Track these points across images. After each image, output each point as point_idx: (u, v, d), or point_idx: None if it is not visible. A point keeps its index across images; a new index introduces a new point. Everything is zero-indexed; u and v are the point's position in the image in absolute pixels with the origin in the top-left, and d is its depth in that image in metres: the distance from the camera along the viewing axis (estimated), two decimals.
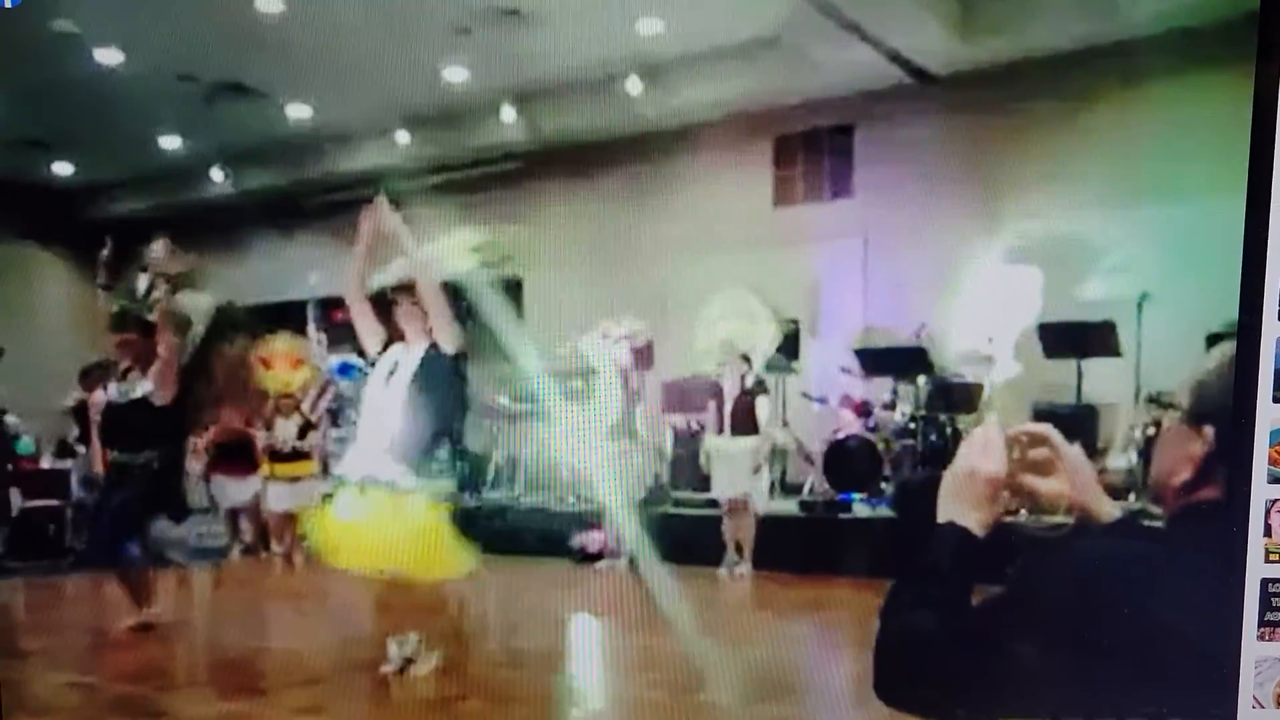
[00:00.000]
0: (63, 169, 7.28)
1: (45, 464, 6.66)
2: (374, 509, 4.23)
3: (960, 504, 1.69)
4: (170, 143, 7.14)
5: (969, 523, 1.68)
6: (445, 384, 4.38)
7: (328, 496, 6.66)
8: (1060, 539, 1.71)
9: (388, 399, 4.28)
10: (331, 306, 7.36)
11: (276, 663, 4.83)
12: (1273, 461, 1.63)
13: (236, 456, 6.42)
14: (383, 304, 4.44)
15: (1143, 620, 1.54)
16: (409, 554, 4.21)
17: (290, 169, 7.26)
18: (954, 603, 1.65)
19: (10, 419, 6.58)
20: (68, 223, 6.95)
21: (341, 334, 7.50)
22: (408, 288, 4.35)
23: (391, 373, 4.29)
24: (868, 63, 6.97)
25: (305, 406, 6.48)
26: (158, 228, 6.66)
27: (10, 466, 6.56)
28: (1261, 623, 1.62)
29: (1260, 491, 1.60)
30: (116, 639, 4.94)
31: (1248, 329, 1.53)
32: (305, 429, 6.47)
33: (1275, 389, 1.60)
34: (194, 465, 6.13)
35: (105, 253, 5.26)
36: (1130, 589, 1.57)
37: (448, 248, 4.52)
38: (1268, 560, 1.64)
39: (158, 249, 5.16)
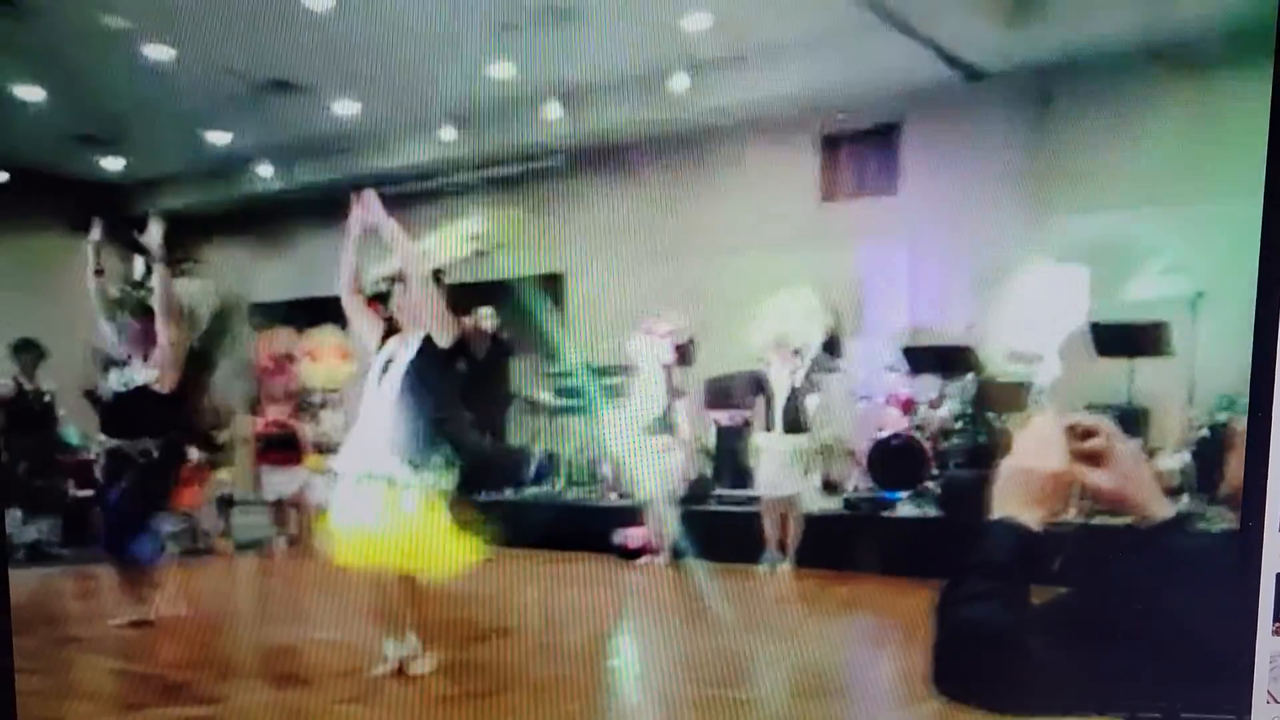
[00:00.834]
0: (113, 164, 7.37)
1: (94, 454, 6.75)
2: (372, 505, 4.21)
3: (1017, 499, 1.68)
4: (217, 138, 7.20)
5: (1026, 518, 1.66)
6: (438, 378, 4.34)
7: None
8: (1120, 535, 1.68)
9: (383, 393, 4.26)
10: (374, 301, 7.43)
11: (320, 653, 4.84)
12: None
13: (282, 448, 6.47)
14: (383, 300, 4.42)
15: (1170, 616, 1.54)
16: (408, 549, 4.19)
17: (337, 164, 7.29)
18: (1014, 597, 1.64)
19: (61, 411, 6.66)
20: (118, 217, 7.04)
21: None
22: (400, 279, 4.32)
23: (386, 367, 4.21)
24: (916, 58, 6.90)
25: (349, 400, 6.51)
26: (204, 223, 6.75)
27: (62, 457, 6.64)
28: (1277, 617, 1.61)
29: (1277, 488, 1.58)
30: (131, 630, 4.93)
31: (1265, 325, 1.50)
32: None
33: None
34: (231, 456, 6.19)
35: (95, 236, 5.20)
36: (1179, 588, 1.55)
37: (445, 237, 4.48)
38: None
39: (153, 232, 5.10)
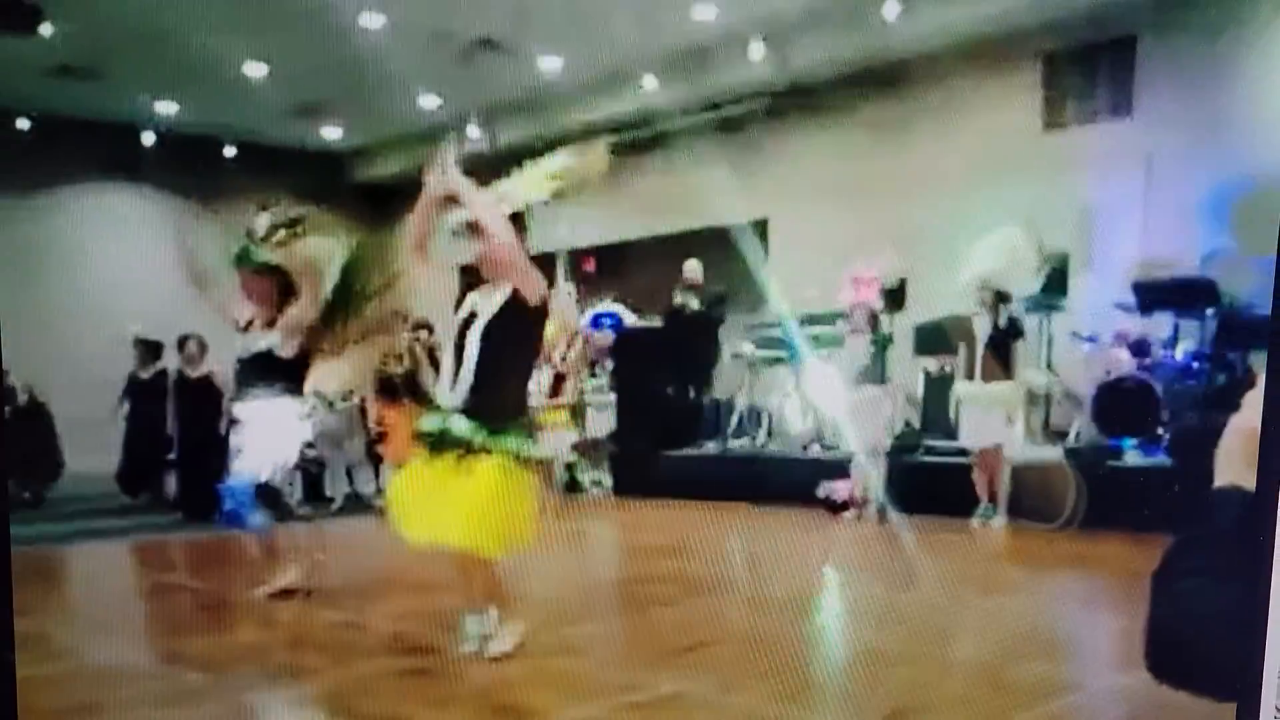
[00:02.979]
0: (331, 133, 7.75)
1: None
2: (447, 472, 3.90)
3: (1245, 464, 1.47)
4: (428, 102, 7.43)
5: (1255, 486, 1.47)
6: (521, 336, 3.99)
7: (575, 448, 6.94)
8: None
9: (466, 348, 3.95)
10: (581, 257, 7.56)
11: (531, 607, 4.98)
12: None
13: None
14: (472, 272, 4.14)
15: None
16: (476, 519, 3.88)
17: (542, 120, 7.40)
18: (1238, 572, 1.44)
19: None
20: (340, 185, 7.44)
21: (593, 285, 7.69)
22: (475, 229, 3.96)
23: (469, 320, 3.84)
24: None
25: (555, 357, 6.64)
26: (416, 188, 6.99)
27: None
28: None
29: None
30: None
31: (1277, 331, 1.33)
32: (559, 380, 6.64)
33: None
34: None
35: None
36: None
37: (521, 180, 4.15)
38: None
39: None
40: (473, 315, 3.81)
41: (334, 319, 4.81)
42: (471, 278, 3.90)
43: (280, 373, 4.66)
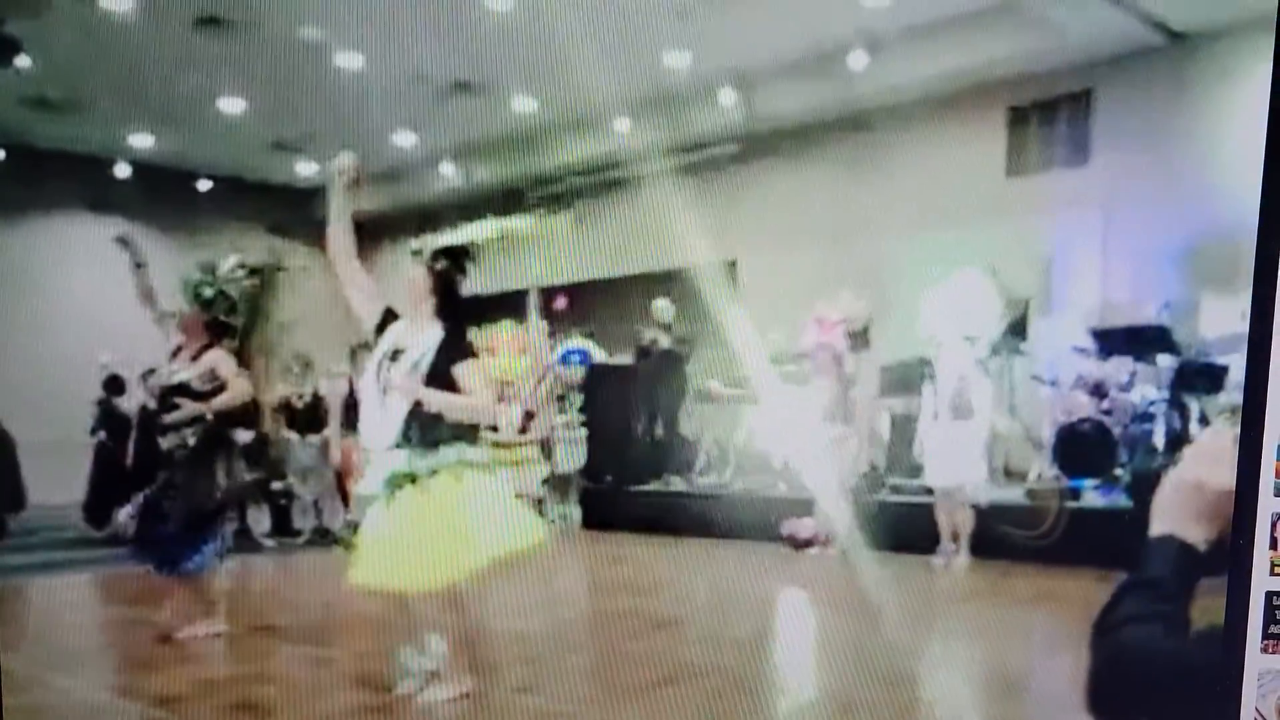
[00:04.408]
0: (306, 169, 7.81)
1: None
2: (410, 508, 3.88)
3: (1182, 516, 1.57)
4: (404, 140, 7.51)
5: (1191, 537, 1.56)
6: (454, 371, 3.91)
7: (545, 482, 6.98)
8: None
9: (394, 386, 3.79)
10: (552, 294, 7.62)
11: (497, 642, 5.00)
12: (1279, 475, 1.55)
13: None
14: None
15: None
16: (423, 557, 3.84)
17: (516, 161, 7.50)
18: (1172, 620, 1.56)
19: None
20: (309, 220, 7.47)
21: (563, 322, 7.76)
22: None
23: (394, 357, 3.81)
24: (1109, 22, 6.58)
25: (525, 393, 6.70)
26: (389, 224, 7.05)
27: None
28: (1265, 635, 1.58)
29: (1267, 505, 1.52)
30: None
31: (1257, 341, 1.43)
32: (528, 416, 6.69)
33: None
34: None
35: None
36: None
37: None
38: (1272, 573, 1.59)
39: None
40: (396, 351, 3.83)
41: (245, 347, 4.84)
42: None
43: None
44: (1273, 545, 1.57)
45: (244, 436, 5.00)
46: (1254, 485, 1.49)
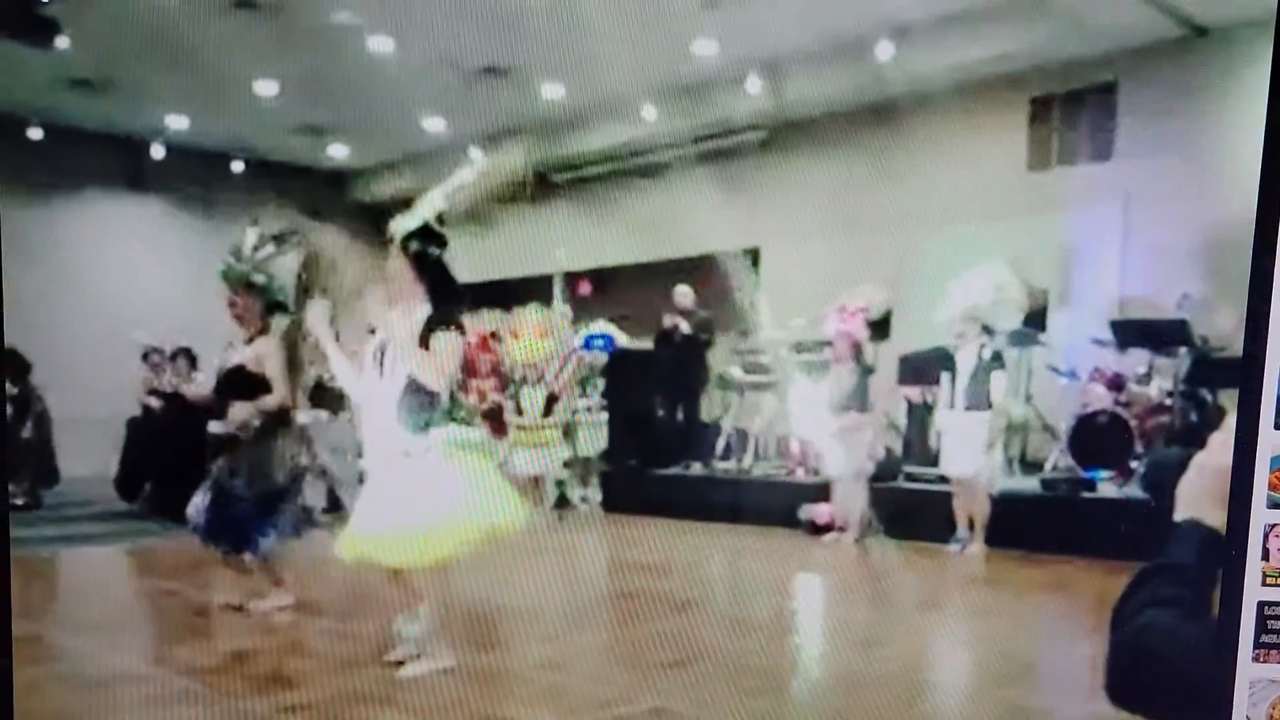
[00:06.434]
0: (338, 151, 7.90)
1: None
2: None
3: (1207, 501, 1.58)
4: (433, 125, 7.58)
5: (1215, 522, 1.57)
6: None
7: (566, 465, 7.08)
8: None
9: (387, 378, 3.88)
10: (576, 279, 7.69)
11: (518, 619, 5.05)
12: (1272, 487, 1.59)
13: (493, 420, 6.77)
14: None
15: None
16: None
17: (542, 146, 7.55)
18: (1195, 604, 1.56)
19: None
20: (343, 202, 7.57)
21: (587, 306, 7.83)
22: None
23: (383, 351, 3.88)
24: (1133, 15, 6.59)
25: (549, 377, 6.78)
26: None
27: None
28: (1257, 645, 1.60)
29: (1260, 516, 1.57)
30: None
31: (1250, 354, 1.49)
32: (551, 399, 6.77)
33: (1277, 415, 1.54)
34: None
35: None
36: None
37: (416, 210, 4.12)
38: (1265, 584, 1.62)
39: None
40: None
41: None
42: None
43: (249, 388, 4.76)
44: (1265, 556, 1.61)
45: (303, 418, 5.08)
46: (1246, 498, 1.55)
